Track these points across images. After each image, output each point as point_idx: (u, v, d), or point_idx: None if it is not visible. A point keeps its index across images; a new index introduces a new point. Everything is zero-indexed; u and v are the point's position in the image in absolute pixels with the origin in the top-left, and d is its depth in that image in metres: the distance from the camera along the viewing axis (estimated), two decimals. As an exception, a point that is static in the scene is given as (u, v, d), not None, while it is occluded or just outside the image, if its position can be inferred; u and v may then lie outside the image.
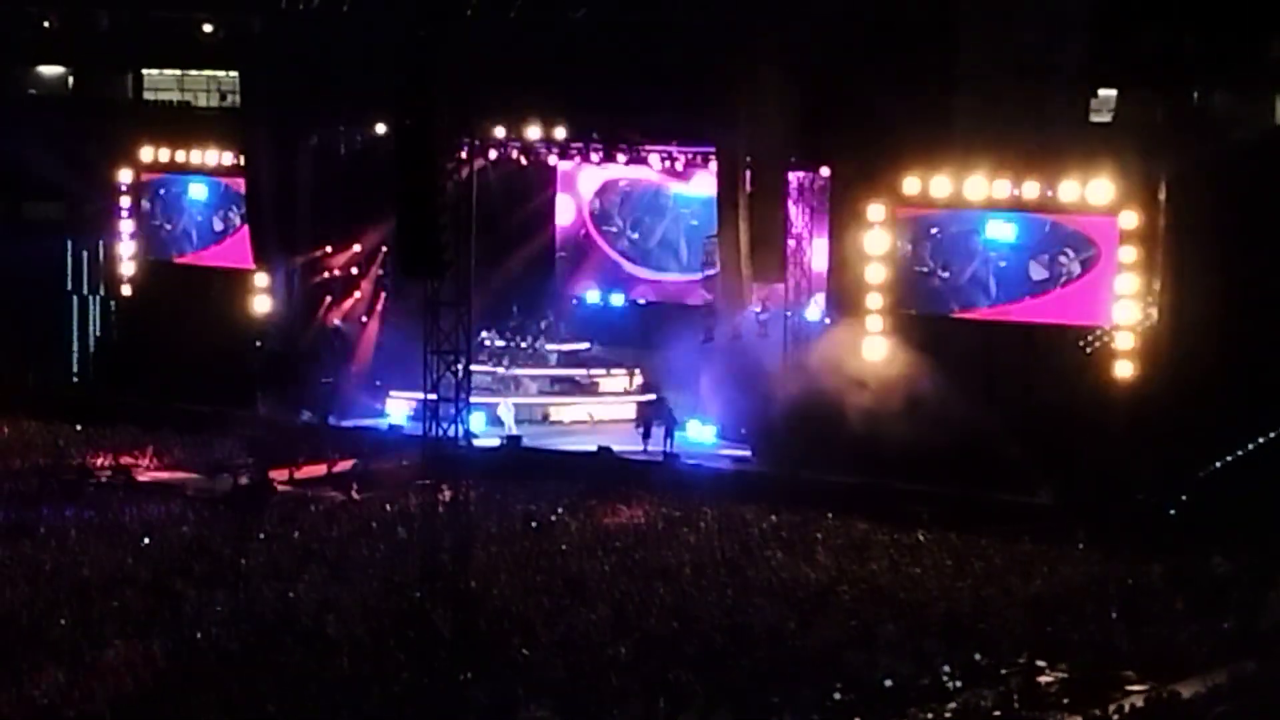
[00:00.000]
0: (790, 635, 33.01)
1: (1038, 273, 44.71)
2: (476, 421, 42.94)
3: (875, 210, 46.22)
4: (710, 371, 50.73)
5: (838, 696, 29.81)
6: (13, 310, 57.38)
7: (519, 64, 47.36)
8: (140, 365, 55.04)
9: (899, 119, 44.92)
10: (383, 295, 54.67)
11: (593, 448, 48.84)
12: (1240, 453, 42.76)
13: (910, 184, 45.82)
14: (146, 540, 39.24)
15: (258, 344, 54.55)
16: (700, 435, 50.54)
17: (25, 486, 44.34)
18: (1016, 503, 42.27)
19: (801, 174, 48.24)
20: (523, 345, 54.03)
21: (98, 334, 58.77)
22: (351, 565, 37.37)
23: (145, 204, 57.25)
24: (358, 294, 54.84)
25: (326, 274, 54.61)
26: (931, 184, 45.57)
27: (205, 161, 56.16)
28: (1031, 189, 44.61)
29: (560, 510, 42.56)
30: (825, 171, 47.77)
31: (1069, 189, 44.20)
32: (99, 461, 47.10)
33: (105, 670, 30.23)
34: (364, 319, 54.76)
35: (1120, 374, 43.68)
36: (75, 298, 58.91)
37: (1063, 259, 44.38)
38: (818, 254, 48.62)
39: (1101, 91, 50.72)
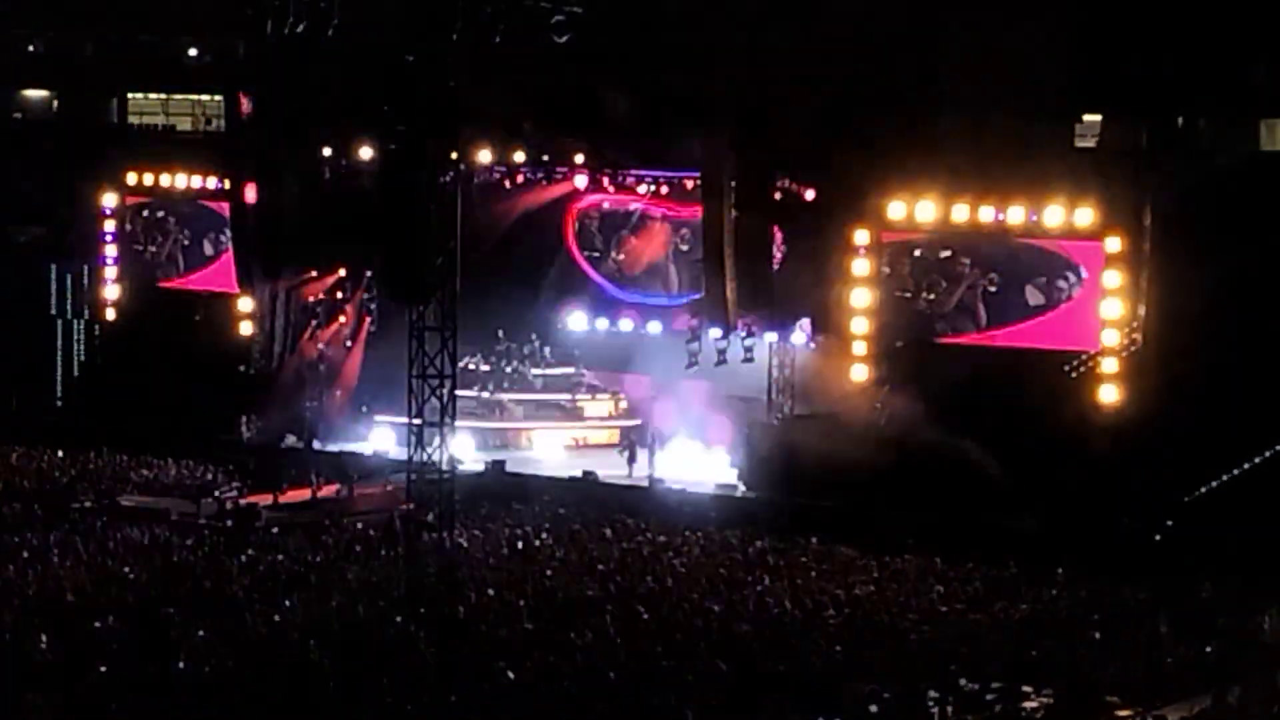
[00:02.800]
0: (775, 661, 32.93)
1: (1029, 298, 44.75)
2: (461, 445, 42.85)
3: (860, 235, 46.31)
4: (695, 396, 50.67)
5: (822, 722, 29.81)
6: (-4, 334, 57.35)
7: (504, 88, 47.38)
8: (124, 390, 54.89)
9: (884, 144, 45.04)
10: (367, 319, 54.65)
11: (577, 472, 48.77)
12: (1225, 478, 42.74)
13: (895, 209, 45.91)
14: (129, 566, 39.09)
15: (242, 368, 54.49)
16: (685, 460, 50.45)
17: (8, 511, 44.19)
18: (1002, 528, 42.24)
19: (787, 198, 48.25)
20: (507, 369, 53.99)
21: (82, 358, 58.64)
22: (336, 590, 37.25)
23: (129, 228, 57.22)
24: (342, 318, 54.80)
25: (311, 298, 54.60)
26: (916, 209, 45.66)
27: (190, 185, 56.17)
28: (1016, 214, 44.71)
29: (545, 535, 42.46)
30: (810, 196, 47.80)
31: (1054, 214, 44.28)
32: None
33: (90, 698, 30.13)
34: (349, 343, 54.69)
35: (1105, 399, 43.73)
36: (59, 322, 58.77)
37: (1060, 283, 44.45)
38: (802, 279, 48.61)
39: (1086, 117, 50.77)
